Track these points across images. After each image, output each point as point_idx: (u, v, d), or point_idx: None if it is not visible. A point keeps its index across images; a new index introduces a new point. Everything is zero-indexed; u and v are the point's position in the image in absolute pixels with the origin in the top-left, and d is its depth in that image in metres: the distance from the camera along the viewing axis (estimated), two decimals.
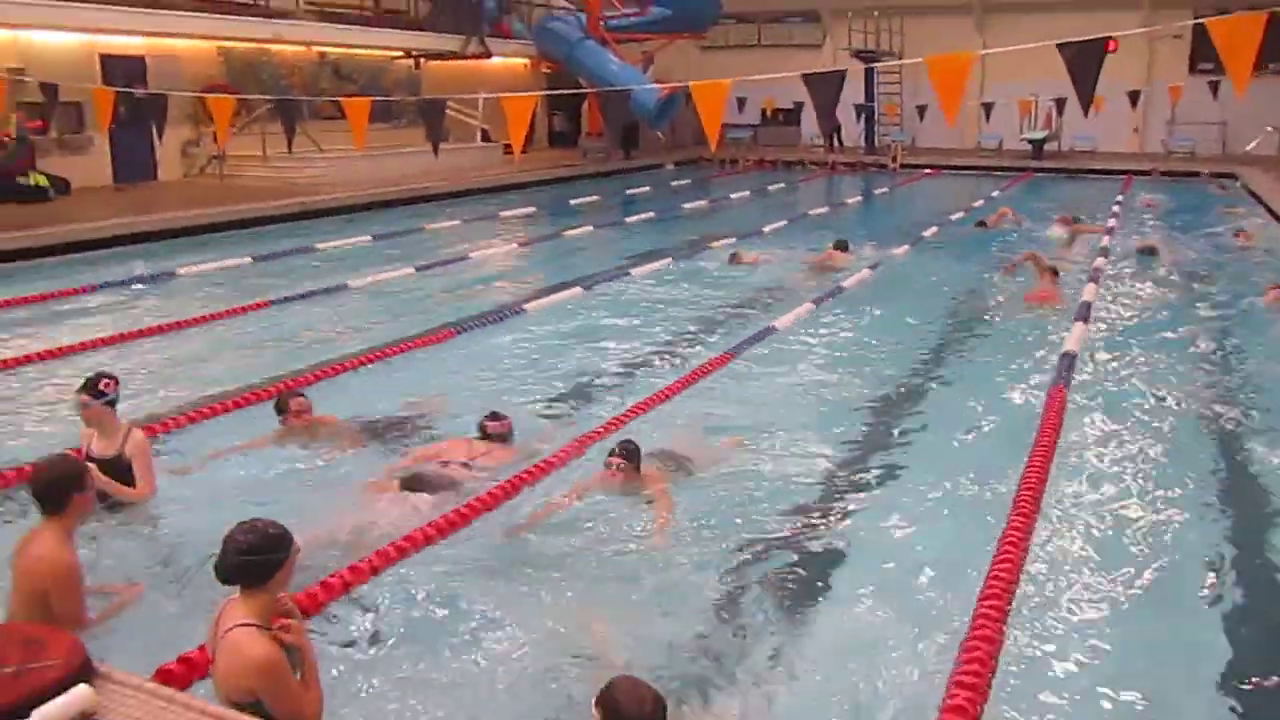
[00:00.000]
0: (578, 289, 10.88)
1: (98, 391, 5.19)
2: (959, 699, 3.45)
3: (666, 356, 8.50)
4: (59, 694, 2.67)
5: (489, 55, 24.89)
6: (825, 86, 7.04)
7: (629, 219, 17.53)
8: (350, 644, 4.09)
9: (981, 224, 15.99)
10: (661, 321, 9.81)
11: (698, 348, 8.75)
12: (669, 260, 12.83)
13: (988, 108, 23.19)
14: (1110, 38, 6.09)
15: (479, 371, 8.04)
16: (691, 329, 9.53)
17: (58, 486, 3.85)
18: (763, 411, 7.04)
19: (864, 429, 6.81)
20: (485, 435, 6.13)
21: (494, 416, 6.24)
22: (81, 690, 2.70)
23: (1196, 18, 8.25)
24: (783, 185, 23.79)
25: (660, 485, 5.57)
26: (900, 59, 27.89)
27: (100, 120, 10.07)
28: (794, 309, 9.94)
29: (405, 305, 10.50)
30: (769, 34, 31.65)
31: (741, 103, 26.91)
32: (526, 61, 27.48)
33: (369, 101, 8.92)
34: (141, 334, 8.98)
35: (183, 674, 3.37)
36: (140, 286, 11.11)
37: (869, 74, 25.15)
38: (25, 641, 2.86)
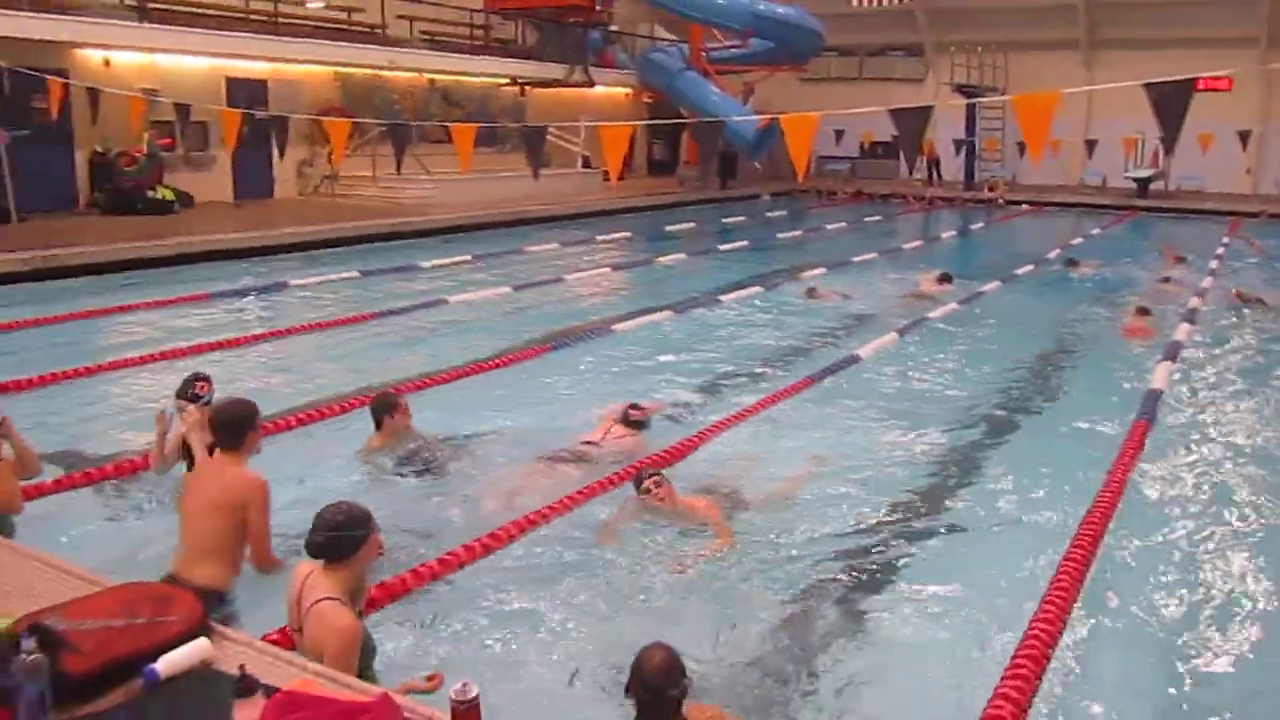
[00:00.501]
0: (668, 312, 11.16)
1: (193, 395, 5.57)
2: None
3: (748, 381, 8.70)
4: (182, 644, 3.02)
5: (592, 84, 25.50)
6: (912, 121, 7.21)
7: (723, 247, 17.79)
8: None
9: (1072, 263, 15.79)
10: (748, 347, 10.02)
11: (781, 373, 8.93)
12: (760, 288, 13.05)
13: (1091, 144, 22.88)
14: (1201, 78, 6.13)
15: (568, 388, 8.38)
16: (777, 356, 9.72)
17: (238, 423, 4.40)
18: (842, 436, 7.20)
19: (939, 458, 6.90)
20: (626, 421, 6.73)
21: (635, 406, 6.89)
22: (202, 642, 3.04)
23: None
24: (879, 218, 23.81)
25: (706, 504, 5.65)
26: (1004, 94, 27.71)
27: (227, 139, 10.72)
28: (878, 338, 10.07)
29: (502, 322, 10.94)
30: (870, 67, 31.71)
31: (839, 135, 27.03)
32: (628, 91, 28.06)
33: (475, 127, 9.37)
34: (255, 339, 9.56)
35: (284, 643, 3.70)
36: (256, 296, 11.79)
37: (970, 109, 25.06)
38: (154, 598, 3.22)
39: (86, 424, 7.19)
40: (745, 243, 18.01)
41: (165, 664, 2.93)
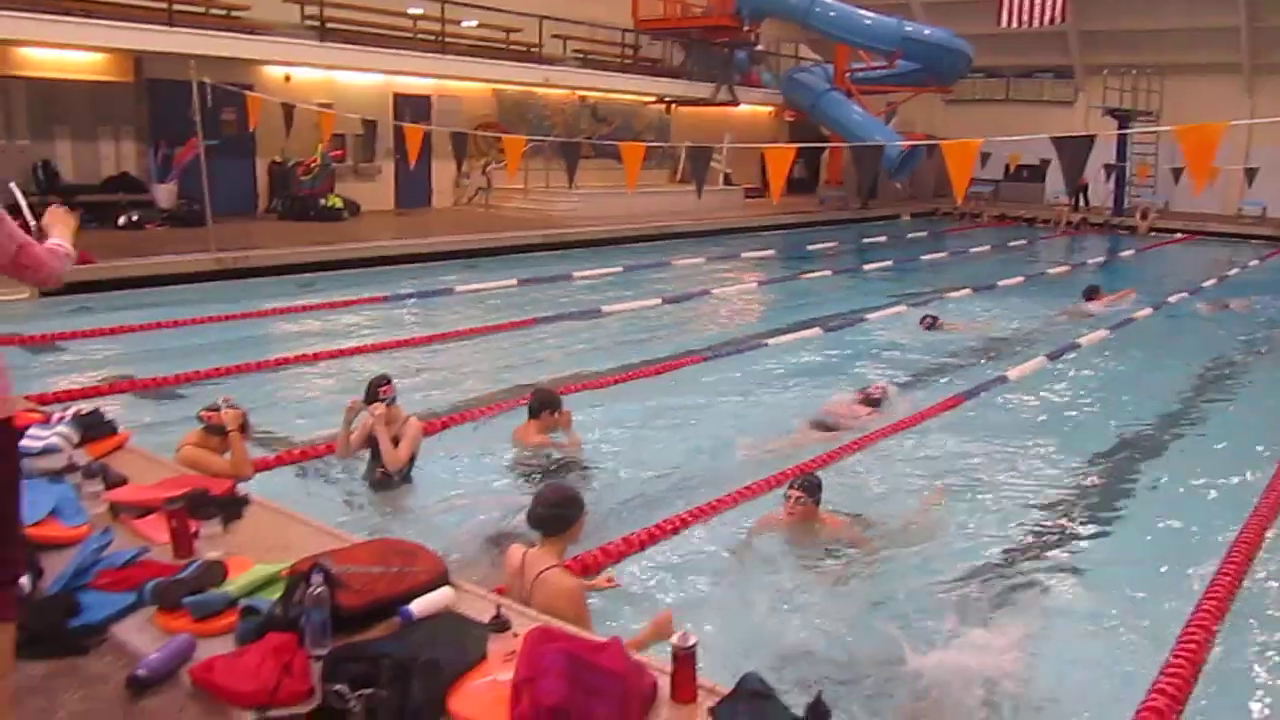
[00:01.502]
0: (816, 329, 11.45)
1: (379, 397, 6.08)
2: None
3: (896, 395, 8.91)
4: (430, 591, 3.51)
5: (737, 103, 25.92)
6: (1074, 149, 7.36)
7: (866, 266, 17.95)
8: None
9: (1225, 306, 15.29)
10: (893, 365, 10.20)
11: (925, 392, 9.12)
12: (904, 307, 13.21)
13: (1251, 173, 22.12)
14: None
15: (716, 397, 8.76)
16: (923, 374, 9.91)
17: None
18: (986, 456, 7.39)
19: (1083, 482, 6.98)
20: (866, 400, 7.82)
21: (874, 387, 8.06)
22: (447, 590, 3.53)
23: None
24: (1023, 241, 23.50)
25: (841, 524, 5.70)
26: (1158, 118, 26.98)
27: (410, 151, 11.53)
28: (1027, 362, 10.16)
29: (653, 332, 11.41)
30: (1018, 89, 31.23)
31: (985, 158, 26.74)
32: (771, 109, 28.39)
33: (643, 146, 9.88)
34: (427, 339, 10.25)
35: None
36: (423, 299, 12.57)
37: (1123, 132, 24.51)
38: (402, 551, 3.73)
39: (267, 412, 7.85)
40: (888, 263, 18.13)
41: (418, 605, 3.42)
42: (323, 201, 17.99)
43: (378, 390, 6.18)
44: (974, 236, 23.63)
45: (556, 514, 4.05)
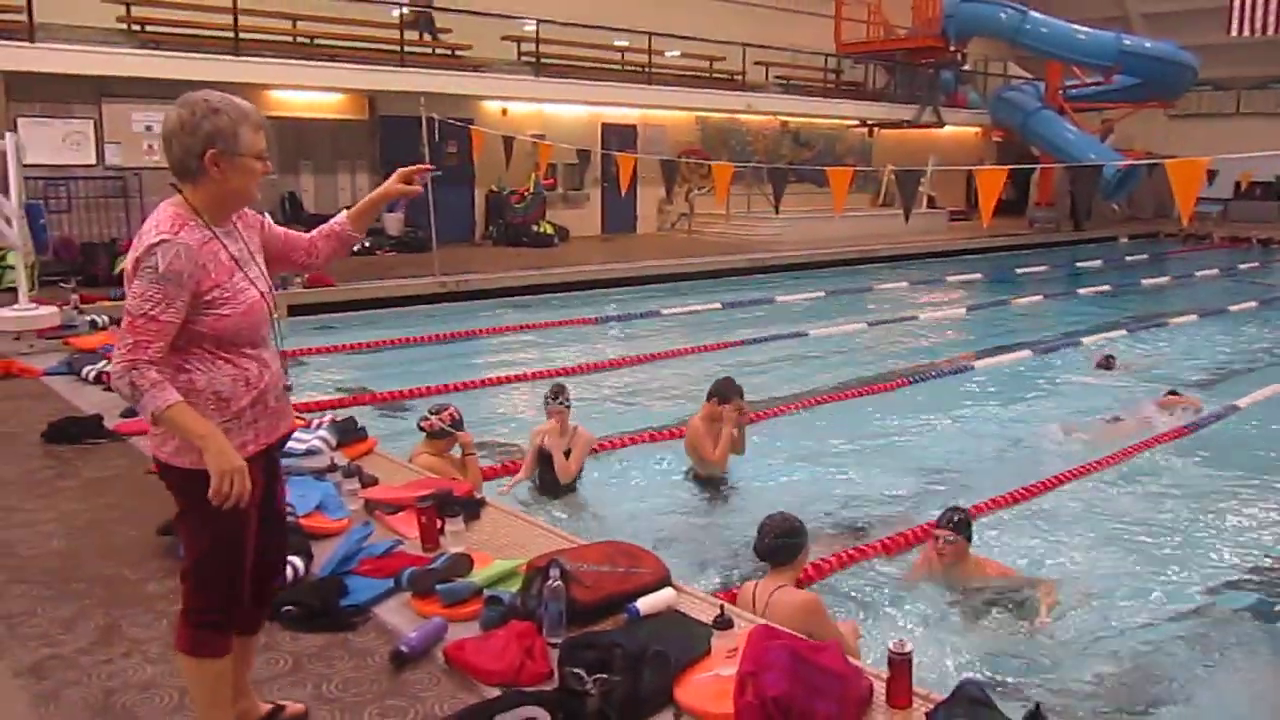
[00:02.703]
0: (1026, 352, 11.17)
1: (562, 398, 6.33)
2: None
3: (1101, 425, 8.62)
4: (654, 591, 3.76)
5: (942, 124, 25.44)
6: None
7: (1080, 290, 17.26)
8: None
9: None
10: (1107, 391, 9.85)
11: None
12: (1123, 330, 12.69)
13: None
14: None
15: (924, 417, 8.74)
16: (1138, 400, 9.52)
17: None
18: (1213, 487, 7.08)
19: None
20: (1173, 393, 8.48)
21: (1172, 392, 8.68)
22: (669, 591, 3.78)
23: None
24: (1257, 265, 22.00)
25: (998, 569, 5.28)
26: None
27: (622, 179, 12.03)
28: (1260, 389, 9.60)
29: (859, 354, 11.43)
30: (1250, 101, 29.31)
31: (1211, 175, 25.13)
32: (977, 130, 27.71)
33: (850, 171, 9.95)
34: (639, 360, 10.63)
35: None
36: (632, 321, 13.01)
37: None
38: (627, 553, 4.00)
39: (482, 426, 8.32)
40: (1105, 287, 17.36)
41: (644, 604, 3.67)
42: (535, 228, 18.83)
43: (562, 393, 6.38)
44: (1199, 260, 22.27)
45: (784, 544, 4.16)
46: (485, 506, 4.85)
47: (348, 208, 3.23)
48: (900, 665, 3.06)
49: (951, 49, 25.13)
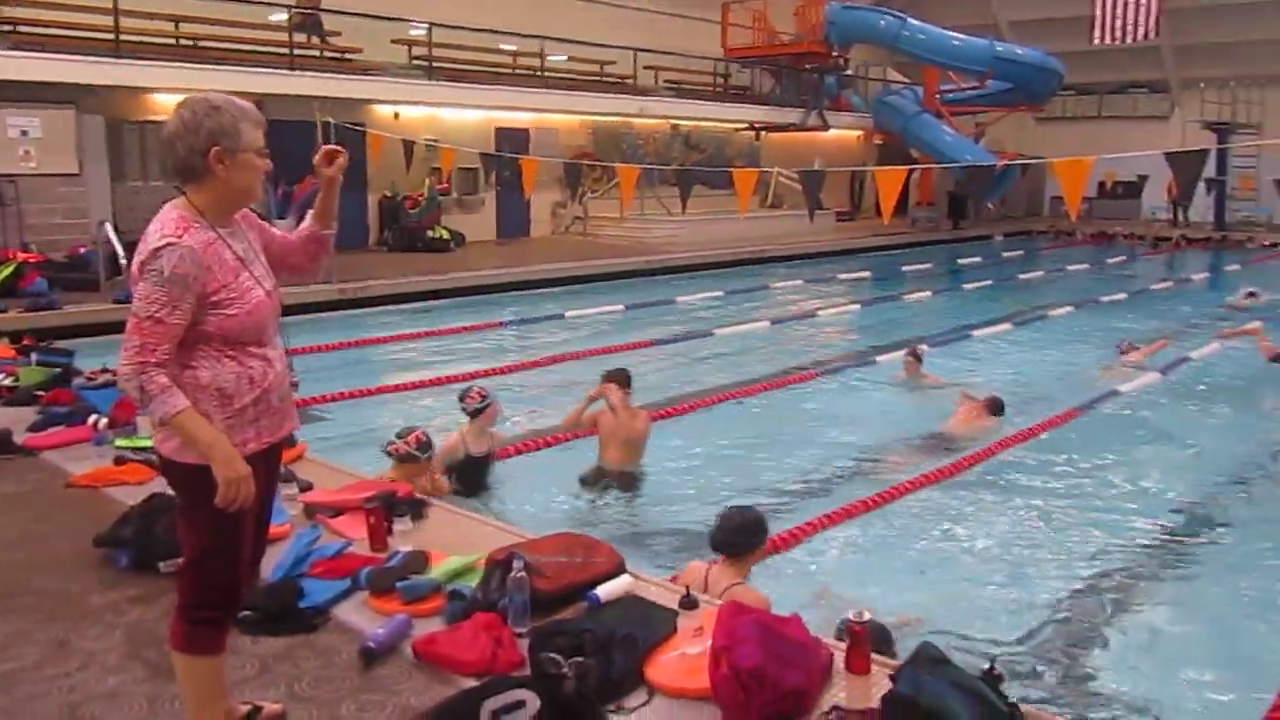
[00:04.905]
0: (923, 346, 11.60)
1: (465, 403, 6.25)
2: None
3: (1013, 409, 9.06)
4: (611, 579, 3.86)
5: (827, 127, 26.13)
6: (1188, 163, 7.48)
7: (964, 286, 18.00)
8: None
9: (1253, 293, 15.15)
10: (1001, 380, 10.33)
11: (1041, 405, 9.24)
12: (1009, 325, 13.32)
13: None
14: None
15: (831, 409, 9.06)
16: (1036, 386, 10.02)
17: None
18: (1111, 465, 7.54)
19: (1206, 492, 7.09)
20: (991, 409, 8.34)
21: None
22: (627, 578, 3.88)
23: None
24: (1122, 259, 23.24)
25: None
26: (1259, 132, 26.47)
27: (527, 183, 12.09)
28: (1142, 377, 10.23)
29: (763, 352, 11.72)
30: (1111, 105, 30.88)
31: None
32: (860, 133, 28.53)
33: (755, 172, 10.22)
34: (549, 361, 10.69)
35: None
36: (536, 325, 13.07)
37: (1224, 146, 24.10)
38: (583, 545, 4.08)
39: (387, 433, 8.27)
40: (987, 282, 18.15)
41: (604, 591, 3.77)
42: (430, 233, 18.67)
43: (468, 396, 6.26)
44: (1070, 255, 23.42)
45: (741, 539, 4.21)
46: (430, 506, 4.88)
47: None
48: (859, 633, 3.23)
49: (834, 54, 25.89)
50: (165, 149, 2.64)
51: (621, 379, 6.80)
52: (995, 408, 8.33)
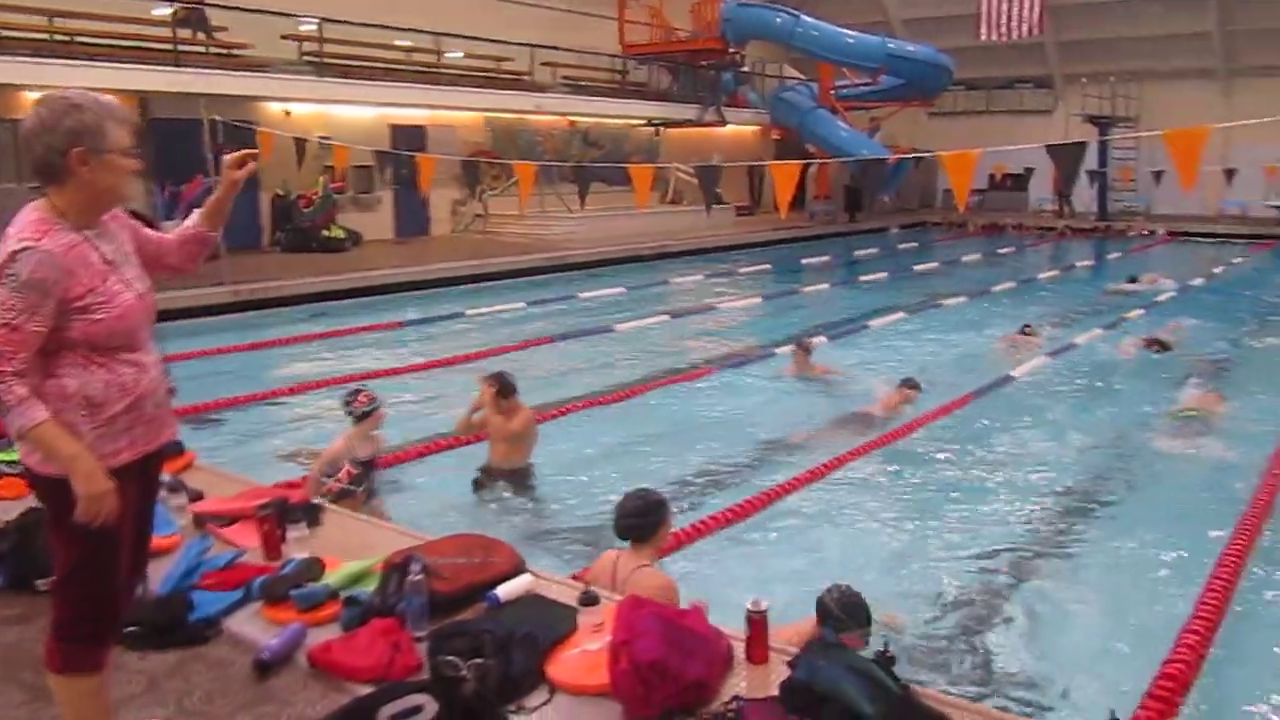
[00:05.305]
0: (821, 338, 11.81)
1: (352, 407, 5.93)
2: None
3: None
4: (510, 579, 3.83)
5: (725, 123, 26.37)
6: (1068, 155, 7.75)
7: (861, 277, 18.37)
8: None
9: (1133, 279, 16.00)
10: (896, 369, 10.54)
11: (936, 392, 9.47)
12: (901, 314, 13.63)
13: (1230, 173, 22.64)
14: None
15: (733, 403, 9.15)
16: (924, 377, 10.24)
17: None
18: (996, 450, 7.78)
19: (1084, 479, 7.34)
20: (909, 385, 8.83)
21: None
22: (527, 576, 3.85)
23: None
24: (1012, 249, 23.98)
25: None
26: (1136, 124, 27.58)
27: (423, 180, 11.91)
28: (1034, 358, 10.58)
29: (663, 347, 11.77)
30: (998, 100, 31.80)
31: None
32: (757, 128, 28.86)
33: (652, 168, 10.25)
34: (448, 362, 10.56)
35: None
36: (437, 323, 12.90)
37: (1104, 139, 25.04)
38: (481, 545, 4.05)
39: (292, 434, 8.15)
40: (883, 274, 18.54)
41: (503, 590, 3.74)
42: (325, 233, 18.30)
43: (355, 400, 5.91)
44: (963, 246, 24.08)
45: (641, 522, 4.18)
46: (325, 511, 4.77)
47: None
48: (758, 622, 3.27)
49: (730, 51, 26.13)
50: (23, 148, 2.51)
51: (494, 380, 6.74)
52: (912, 384, 8.84)
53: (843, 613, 3.69)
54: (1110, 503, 6.77)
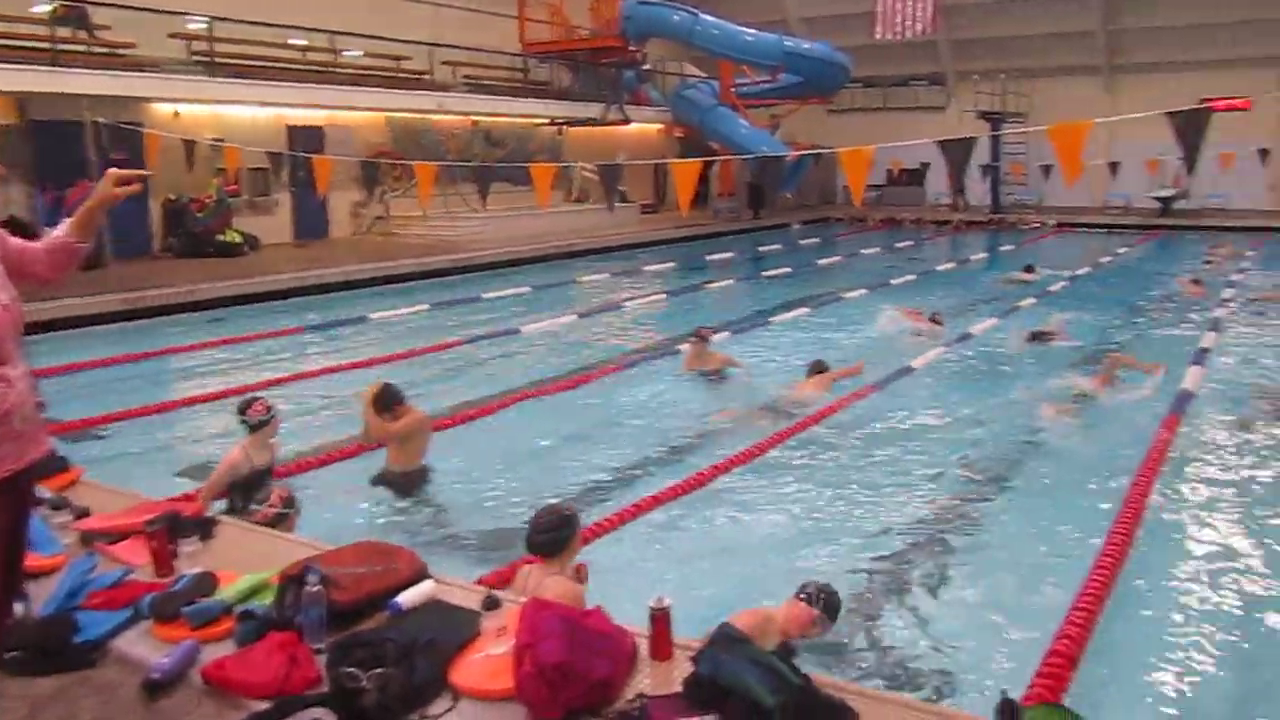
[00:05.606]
0: (725, 333, 11.92)
1: (247, 416, 5.73)
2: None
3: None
4: (413, 585, 3.76)
5: (628, 122, 26.42)
6: (957, 150, 7.96)
7: (765, 273, 18.59)
8: None
9: (1029, 268, 16.69)
10: (800, 362, 10.71)
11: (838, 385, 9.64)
12: (806, 309, 13.84)
13: (1114, 166, 23.51)
14: (1219, 100, 6.84)
15: (640, 399, 9.18)
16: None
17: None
18: (897, 437, 7.95)
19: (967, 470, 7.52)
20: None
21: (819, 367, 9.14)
22: (430, 583, 3.79)
23: None
24: (911, 242, 24.52)
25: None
26: (1026, 120, 28.44)
27: (320, 182, 11.65)
28: (932, 349, 10.84)
29: (571, 346, 11.75)
30: (894, 97, 32.49)
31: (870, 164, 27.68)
32: (660, 126, 28.98)
33: (553, 167, 10.22)
34: (352, 366, 10.37)
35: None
36: (339, 328, 12.65)
37: (994, 134, 25.77)
38: (382, 552, 3.96)
39: (177, 450, 7.92)
40: (787, 269, 18.79)
41: (405, 598, 3.67)
42: (220, 237, 17.81)
43: (249, 408, 5.75)
44: (863, 240, 24.55)
45: (551, 538, 4.18)
46: (219, 524, 4.64)
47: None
48: (660, 618, 3.27)
49: (631, 49, 26.18)
50: None
51: (374, 392, 6.61)
52: (819, 368, 9.15)
53: (824, 608, 4.15)
54: (1004, 486, 6.98)
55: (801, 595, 4.20)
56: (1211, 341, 11.23)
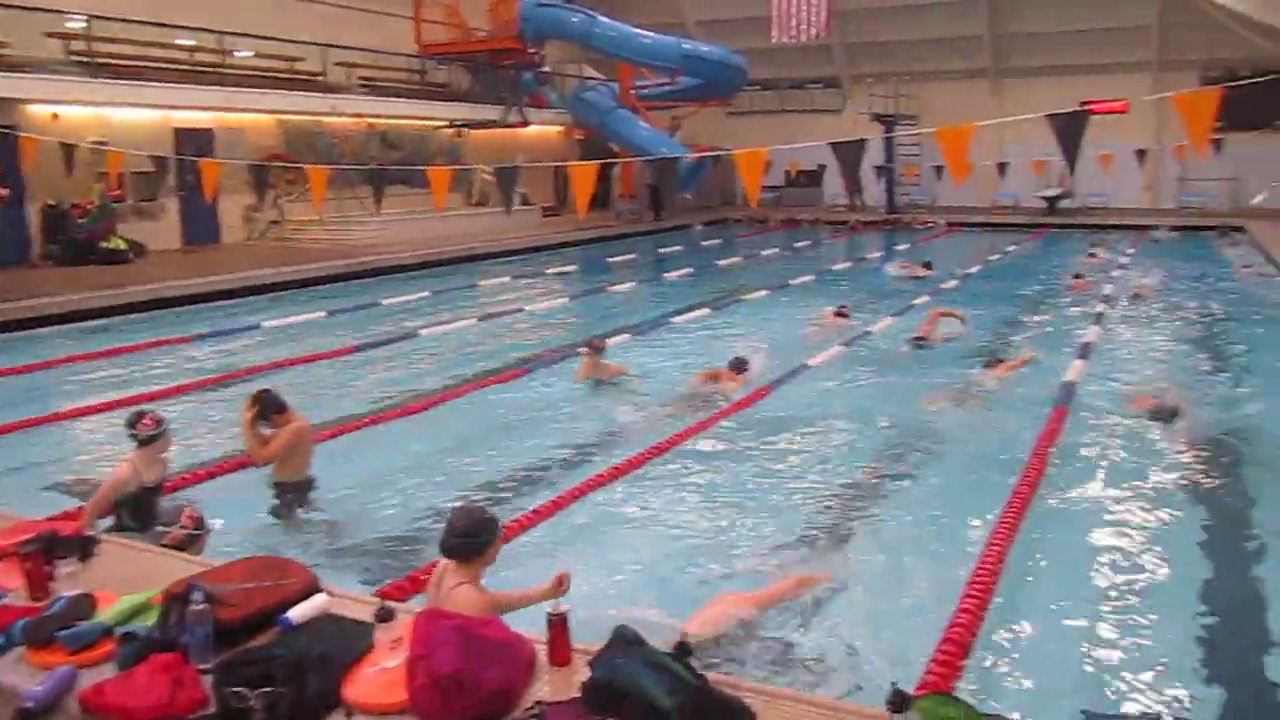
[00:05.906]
0: (626, 335, 11.93)
1: (136, 430, 5.48)
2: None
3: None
4: (304, 599, 3.66)
5: (527, 124, 26.30)
6: (849, 152, 8.11)
7: (667, 274, 18.69)
8: None
9: (927, 265, 17.26)
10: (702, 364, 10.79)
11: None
12: (707, 310, 13.94)
13: (1002, 167, 24.24)
14: (1098, 104, 7.10)
15: (541, 404, 9.15)
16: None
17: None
18: (799, 435, 8.07)
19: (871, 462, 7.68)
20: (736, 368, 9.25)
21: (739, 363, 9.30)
22: (322, 596, 3.69)
23: (1203, 82, 9.23)
24: (809, 242, 24.91)
25: None
26: (918, 122, 29.17)
27: (206, 187, 11.27)
28: (828, 349, 11.01)
29: (471, 351, 11.62)
30: (791, 99, 33.00)
31: (767, 165, 28.05)
32: (560, 129, 28.93)
33: (449, 170, 10.09)
34: (238, 375, 10.08)
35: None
36: (230, 336, 12.29)
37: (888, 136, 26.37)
38: (272, 566, 3.85)
39: (57, 467, 7.58)
40: (688, 269, 18.91)
41: (296, 613, 3.58)
42: (104, 244, 17.18)
43: (139, 423, 5.51)
44: (763, 241, 24.86)
45: (468, 542, 3.99)
46: (99, 544, 4.45)
47: None
48: (558, 624, 3.25)
49: (530, 51, 26.06)
50: None
51: (253, 402, 6.36)
52: (739, 366, 9.28)
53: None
54: (898, 479, 7.10)
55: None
56: (1095, 335, 11.65)
